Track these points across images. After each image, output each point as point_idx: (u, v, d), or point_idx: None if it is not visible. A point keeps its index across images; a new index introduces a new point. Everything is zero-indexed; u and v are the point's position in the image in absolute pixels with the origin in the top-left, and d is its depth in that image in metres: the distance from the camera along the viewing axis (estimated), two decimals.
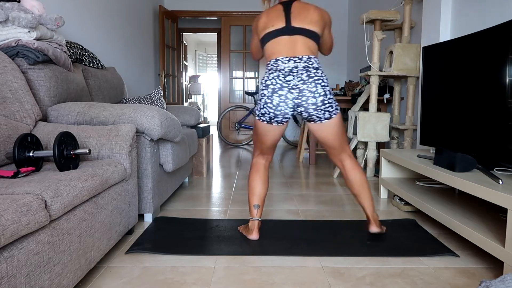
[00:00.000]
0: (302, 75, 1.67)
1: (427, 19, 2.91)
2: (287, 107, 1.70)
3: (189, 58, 9.38)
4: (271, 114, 1.72)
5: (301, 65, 1.68)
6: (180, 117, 3.15)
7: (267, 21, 1.75)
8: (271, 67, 1.72)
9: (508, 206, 1.35)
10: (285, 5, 1.76)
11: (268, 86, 1.70)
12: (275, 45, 1.72)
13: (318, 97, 1.67)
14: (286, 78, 1.68)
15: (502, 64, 1.68)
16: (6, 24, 1.89)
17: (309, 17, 1.72)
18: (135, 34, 4.46)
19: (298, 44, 1.70)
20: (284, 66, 1.69)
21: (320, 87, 1.68)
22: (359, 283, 1.42)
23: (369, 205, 1.82)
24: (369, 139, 3.20)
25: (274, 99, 1.69)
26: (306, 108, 1.69)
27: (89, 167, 1.47)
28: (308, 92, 1.67)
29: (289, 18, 1.72)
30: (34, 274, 1.01)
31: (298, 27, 1.71)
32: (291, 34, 1.71)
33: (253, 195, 1.86)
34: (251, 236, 1.82)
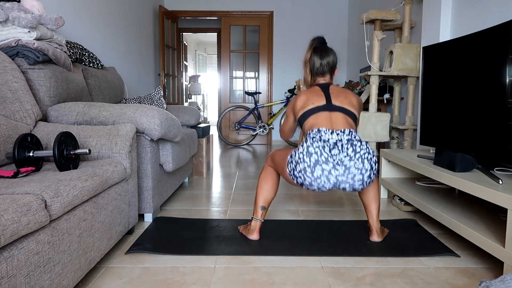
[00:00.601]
0: (348, 150, 1.62)
1: (427, 19, 2.91)
2: (328, 182, 1.61)
3: (189, 58, 9.38)
4: (306, 182, 1.64)
5: (345, 138, 1.64)
6: (180, 117, 3.15)
7: (306, 100, 1.77)
8: (314, 136, 1.65)
9: (508, 206, 1.35)
10: (322, 87, 1.80)
11: (311, 154, 1.60)
12: (316, 119, 1.70)
13: (365, 173, 1.63)
14: (332, 152, 1.61)
15: (502, 64, 1.68)
16: (6, 24, 1.89)
17: (348, 99, 1.77)
18: (135, 34, 4.46)
19: (339, 120, 1.70)
20: (328, 137, 1.63)
21: (367, 162, 1.62)
22: (359, 283, 1.42)
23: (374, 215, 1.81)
24: (369, 139, 3.20)
25: (316, 171, 1.60)
26: (351, 185, 1.63)
27: (89, 167, 1.47)
28: (355, 169, 1.61)
29: (329, 97, 1.75)
30: (34, 274, 1.01)
31: (338, 106, 1.73)
32: (331, 111, 1.72)
33: (261, 197, 1.85)
34: (252, 236, 1.82)
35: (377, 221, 1.82)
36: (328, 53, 1.85)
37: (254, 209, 1.87)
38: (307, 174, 1.62)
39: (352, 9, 5.66)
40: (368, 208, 1.83)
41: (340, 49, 5.96)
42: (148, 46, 5.01)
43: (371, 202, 1.82)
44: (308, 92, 1.80)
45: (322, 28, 5.91)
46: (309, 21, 5.92)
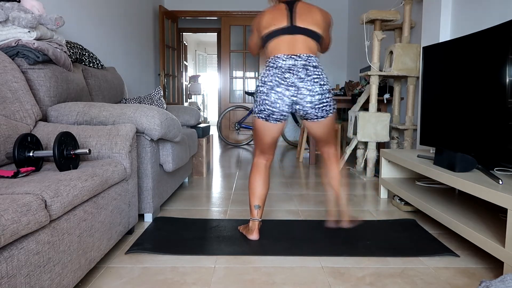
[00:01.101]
0: (300, 73, 1.68)
1: (427, 19, 2.91)
2: (284, 104, 1.70)
3: (189, 58, 9.38)
4: (268, 111, 1.72)
5: (300, 63, 1.69)
6: (180, 117, 3.15)
7: (270, 19, 1.76)
8: (270, 64, 1.73)
9: (508, 206, 1.35)
10: (289, 4, 1.77)
11: (266, 83, 1.71)
12: (276, 44, 1.73)
13: (315, 96, 1.68)
14: (285, 75, 1.68)
15: (502, 64, 1.68)
16: (6, 24, 1.89)
17: (313, 18, 1.74)
18: (135, 34, 4.46)
19: (299, 43, 1.71)
20: (283, 63, 1.69)
21: (318, 86, 1.68)
22: (359, 283, 1.42)
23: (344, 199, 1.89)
24: (369, 139, 3.20)
25: (271, 96, 1.69)
26: (303, 106, 1.70)
27: (89, 167, 1.47)
28: (306, 90, 1.67)
29: (292, 18, 1.73)
30: (34, 274, 1.01)
31: (300, 27, 1.72)
32: (293, 34, 1.72)
33: (254, 196, 1.86)
34: (252, 236, 1.82)
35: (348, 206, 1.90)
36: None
37: (250, 209, 1.88)
38: (266, 102, 1.71)
39: (352, 9, 5.66)
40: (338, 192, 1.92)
41: (340, 49, 5.96)
42: (148, 46, 5.01)
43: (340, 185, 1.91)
44: (274, 10, 1.78)
45: None
46: None
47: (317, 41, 1.76)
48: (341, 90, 4.33)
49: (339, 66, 5.98)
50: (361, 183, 3.10)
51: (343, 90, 4.24)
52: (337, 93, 4.23)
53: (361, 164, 3.55)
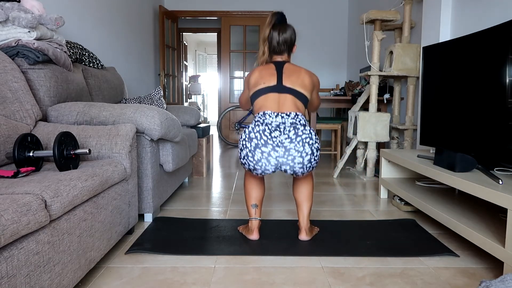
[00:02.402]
0: (290, 132, 1.65)
1: (427, 19, 2.91)
2: (269, 164, 1.66)
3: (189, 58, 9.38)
4: (251, 167, 1.71)
5: (289, 121, 1.67)
6: (180, 117, 3.15)
7: (259, 78, 1.78)
8: (258, 120, 1.71)
9: (508, 206, 1.35)
10: (277, 65, 1.79)
11: (251, 140, 1.67)
12: (264, 101, 1.73)
13: (305, 157, 1.65)
14: (272, 134, 1.66)
15: (502, 64, 1.68)
16: (6, 24, 1.89)
17: (300, 79, 1.76)
18: (135, 34, 4.46)
19: (287, 102, 1.72)
20: (272, 120, 1.68)
21: (308, 146, 1.65)
22: (359, 283, 1.42)
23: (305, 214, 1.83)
24: (369, 139, 3.20)
25: (256, 154, 1.66)
26: (291, 167, 1.67)
27: (89, 167, 1.47)
28: (295, 151, 1.64)
29: (281, 78, 1.75)
30: (34, 274, 1.01)
31: (288, 87, 1.73)
32: (281, 92, 1.73)
33: (250, 197, 1.86)
34: (251, 236, 1.82)
35: (307, 220, 1.83)
36: (287, 30, 1.81)
37: (247, 210, 1.88)
38: (249, 159, 1.68)
39: (352, 9, 5.66)
40: (300, 207, 1.85)
41: (340, 49, 5.96)
42: (148, 46, 5.01)
43: (304, 201, 1.84)
44: (262, 69, 1.80)
45: (322, 28, 5.91)
46: (309, 21, 5.92)
47: (304, 103, 1.76)
48: (341, 90, 4.33)
49: (339, 66, 5.98)
50: (361, 183, 3.10)
51: (343, 90, 4.24)
52: (337, 93, 4.23)
53: (361, 164, 3.55)
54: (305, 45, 5.94)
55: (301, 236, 1.82)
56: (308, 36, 5.92)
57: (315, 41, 5.93)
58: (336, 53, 5.97)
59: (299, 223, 1.85)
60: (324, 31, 5.92)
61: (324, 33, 5.94)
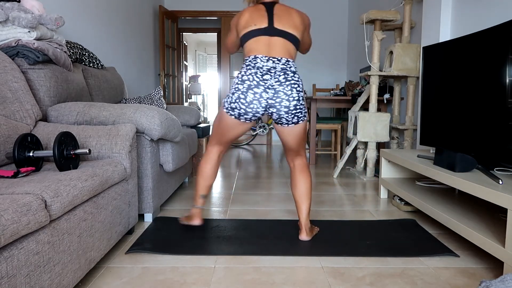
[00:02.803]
0: (280, 76, 1.67)
1: (427, 19, 2.91)
2: (260, 105, 1.69)
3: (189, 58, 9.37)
4: (242, 111, 1.71)
5: (280, 67, 1.68)
6: (180, 117, 3.15)
7: (249, 19, 1.75)
8: (249, 63, 1.71)
9: (508, 206, 1.35)
10: (267, 6, 1.77)
11: (244, 82, 1.69)
12: (255, 44, 1.72)
13: (291, 101, 1.68)
14: (264, 77, 1.67)
15: (502, 64, 1.68)
16: (6, 24, 1.89)
17: (291, 20, 1.74)
18: (135, 34, 4.46)
19: (278, 46, 1.71)
20: (263, 64, 1.68)
21: (295, 92, 1.68)
22: (359, 283, 1.42)
23: (304, 213, 1.83)
24: (369, 139, 3.20)
25: (248, 96, 1.68)
26: (278, 109, 1.69)
27: (89, 167, 1.47)
28: (283, 94, 1.67)
29: (272, 19, 1.73)
30: (34, 274, 1.01)
31: (280, 29, 1.72)
32: (272, 35, 1.72)
33: (202, 184, 1.89)
34: (195, 222, 1.89)
35: (307, 220, 1.83)
36: None
37: (195, 197, 1.92)
38: (241, 101, 1.69)
39: (352, 9, 5.66)
40: (299, 206, 1.84)
41: (340, 49, 5.96)
42: (148, 46, 5.01)
43: (303, 199, 1.84)
44: (252, 11, 1.78)
45: (322, 28, 5.91)
46: None
47: (295, 45, 1.76)
48: (341, 90, 4.33)
49: (339, 66, 5.98)
50: (361, 183, 3.10)
51: (343, 90, 4.24)
52: (337, 93, 4.23)
53: (361, 164, 3.55)
54: None
55: (301, 236, 1.82)
56: None
57: (315, 41, 5.93)
58: (336, 53, 5.97)
59: (299, 223, 1.85)
60: (324, 31, 5.92)
61: (324, 33, 5.94)
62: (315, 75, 5.98)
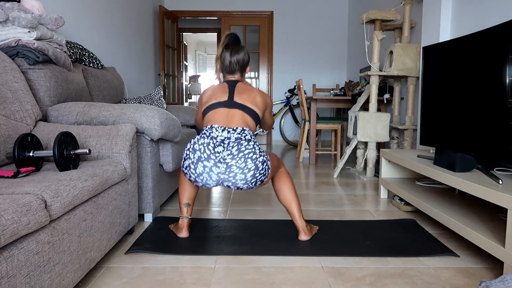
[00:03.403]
0: (233, 148, 1.64)
1: (427, 19, 2.91)
2: (210, 178, 1.66)
3: (189, 58, 9.38)
4: (192, 179, 1.69)
5: (234, 137, 1.67)
6: (180, 117, 3.15)
7: (211, 95, 1.80)
8: (204, 133, 1.70)
9: (508, 206, 1.35)
10: (230, 83, 1.82)
11: (195, 151, 1.66)
12: (213, 115, 1.74)
13: (247, 173, 1.64)
14: (216, 149, 1.64)
15: (502, 64, 1.68)
16: (6, 24, 1.89)
17: (251, 97, 1.77)
18: (135, 34, 4.46)
19: (236, 117, 1.72)
20: (217, 134, 1.67)
21: (250, 161, 1.63)
22: (359, 283, 1.42)
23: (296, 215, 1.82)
24: (369, 139, 3.20)
25: (198, 167, 1.65)
26: (234, 183, 1.66)
27: (89, 167, 1.47)
28: (237, 168, 1.63)
29: (232, 94, 1.77)
30: (34, 274, 1.01)
31: (239, 103, 1.75)
32: (230, 107, 1.74)
33: (183, 196, 1.87)
34: (181, 234, 1.85)
35: (301, 220, 1.83)
36: (239, 51, 1.84)
37: (180, 207, 1.89)
38: (191, 171, 1.67)
39: (352, 9, 5.66)
40: (288, 209, 1.84)
41: (340, 49, 5.96)
42: (148, 46, 5.01)
43: (290, 203, 1.83)
44: (215, 88, 1.83)
45: (322, 28, 5.92)
46: (309, 21, 5.92)
47: (254, 119, 1.76)
48: (341, 90, 4.33)
49: (339, 66, 5.98)
50: (361, 183, 3.10)
51: (343, 90, 4.24)
52: (337, 93, 4.23)
53: (361, 164, 3.55)
54: (306, 45, 5.94)
55: (300, 237, 1.82)
56: (308, 36, 5.92)
57: (315, 41, 5.94)
58: (336, 53, 5.97)
59: (296, 226, 1.85)
60: (324, 31, 5.92)
61: (324, 33, 5.94)
62: (315, 75, 5.98)
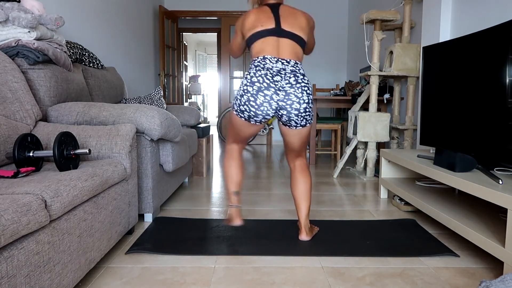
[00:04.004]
0: (290, 78, 1.65)
1: (427, 19, 2.91)
2: (270, 108, 1.66)
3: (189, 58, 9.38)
4: (251, 113, 1.68)
5: (289, 69, 1.66)
6: (180, 117, 3.15)
7: (255, 20, 1.73)
8: (258, 64, 1.67)
9: (508, 206, 1.35)
10: (272, 7, 1.75)
11: (254, 83, 1.65)
12: (264, 44, 1.70)
13: (302, 104, 1.66)
14: (274, 78, 1.64)
15: (502, 64, 1.68)
16: (6, 24, 1.89)
17: (297, 22, 1.73)
18: (135, 34, 4.46)
19: (286, 47, 1.69)
20: (272, 65, 1.66)
21: (306, 94, 1.66)
22: (359, 283, 1.42)
23: (304, 213, 1.82)
24: (369, 139, 3.20)
25: (258, 98, 1.64)
26: (288, 112, 1.66)
27: (89, 167, 1.47)
28: (295, 96, 1.64)
29: (278, 21, 1.72)
30: (34, 274, 1.01)
31: (287, 31, 1.71)
32: (280, 36, 1.70)
33: (231, 182, 1.86)
34: (235, 222, 1.83)
35: (306, 220, 1.83)
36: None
37: (228, 196, 1.87)
38: (251, 104, 1.66)
39: (352, 9, 5.66)
40: (298, 206, 1.83)
41: (340, 49, 5.96)
42: (148, 46, 5.01)
43: (302, 199, 1.82)
44: (258, 12, 1.75)
45: (322, 28, 5.91)
46: None
47: (302, 47, 1.75)
48: (341, 90, 4.33)
49: (339, 66, 5.98)
50: (361, 183, 3.10)
51: (343, 90, 4.24)
52: (337, 93, 4.23)
53: (361, 164, 3.55)
54: None
55: (301, 236, 1.82)
56: None
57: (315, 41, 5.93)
58: (336, 53, 5.97)
59: (298, 223, 1.85)
60: (324, 31, 5.92)
61: (324, 33, 5.94)
62: (315, 75, 5.98)
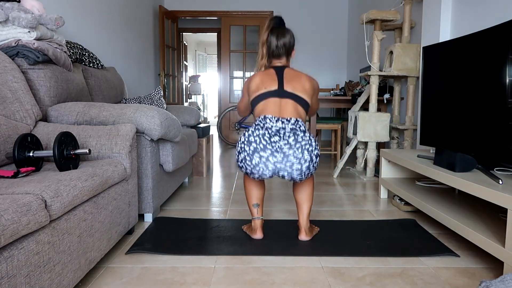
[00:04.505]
0: (290, 138, 1.65)
1: (427, 19, 2.91)
2: (266, 168, 1.66)
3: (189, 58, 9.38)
4: (248, 170, 1.70)
5: (289, 127, 1.66)
6: (180, 117, 3.15)
7: (260, 83, 1.77)
8: (258, 123, 1.69)
9: (508, 206, 1.35)
10: (277, 70, 1.79)
11: (250, 143, 1.66)
12: (265, 105, 1.72)
13: (304, 163, 1.65)
14: (272, 139, 1.65)
15: (502, 64, 1.68)
16: (6, 24, 1.89)
17: (301, 84, 1.75)
18: (135, 34, 4.46)
19: (288, 107, 1.71)
20: (272, 124, 1.66)
21: (307, 153, 1.65)
22: (359, 283, 1.42)
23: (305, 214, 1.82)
24: (369, 139, 3.20)
25: (254, 158, 1.65)
26: (289, 173, 1.66)
27: (89, 167, 1.47)
28: (294, 158, 1.64)
29: (282, 82, 1.74)
30: (34, 274, 1.01)
31: (290, 92, 1.73)
32: (282, 97, 1.72)
33: (251, 197, 1.86)
34: (256, 235, 1.82)
35: (307, 220, 1.83)
36: (285, 34, 1.80)
37: (250, 210, 1.87)
38: (247, 163, 1.67)
39: (352, 9, 5.66)
40: (300, 207, 1.84)
41: (340, 49, 5.96)
42: (148, 46, 5.01)
43: (304, 201, 1.83)
44: (263, 75, 1.79)
45: (322, 29, 5.91)
46: (309, 21, 5.92)
47: (305, 108, 1.76)
48: (341, 90, 4.33)
49: (339, 66, 5.98)
50: (361, 183, 3.10)
51: (343, 90, 4.24)
52: (337, 93, 4.23)
53: (361, 164, 3.55)
54: (306, 45, 5.94)
55: (301, 236, 1.82)
56: (308, 36, 5.92)
57: (315, 41, 5.93)
58: (336, 53, 5.97)
59: (299, 223, 1.85)
60: (324, 31, 5.92)
61: (324, 33, 5.93)
62: (315, 75, 5.98)
